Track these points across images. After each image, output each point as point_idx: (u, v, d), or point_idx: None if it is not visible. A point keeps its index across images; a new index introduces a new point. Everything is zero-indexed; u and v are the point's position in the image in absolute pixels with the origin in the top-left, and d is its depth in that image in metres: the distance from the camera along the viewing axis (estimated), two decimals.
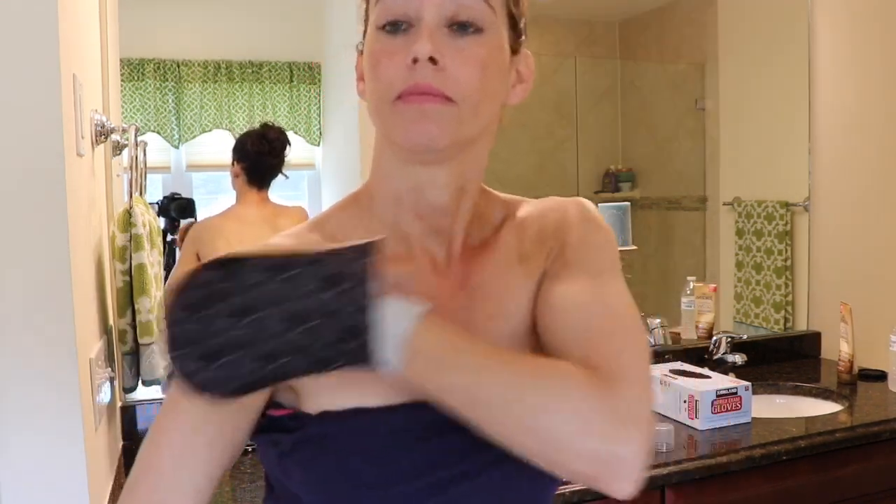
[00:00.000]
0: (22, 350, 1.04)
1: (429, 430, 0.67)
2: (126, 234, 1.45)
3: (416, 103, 0.66)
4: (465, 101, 0.67)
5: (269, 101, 2.12)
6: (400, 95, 0.67)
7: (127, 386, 1.59)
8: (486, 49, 0.68)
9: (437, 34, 0.66)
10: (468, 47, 0.67)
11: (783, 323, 2.48)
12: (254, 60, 2.10)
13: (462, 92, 0.67)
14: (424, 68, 0.66)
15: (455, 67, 0.66)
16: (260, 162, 1.98)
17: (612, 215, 2.08)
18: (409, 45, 0.66)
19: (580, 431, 0.60)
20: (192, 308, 0.57)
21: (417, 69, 0.66)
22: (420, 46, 0.65)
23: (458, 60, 0.66)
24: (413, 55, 0.65)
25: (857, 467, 1.74)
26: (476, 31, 0.68)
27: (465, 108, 0.67)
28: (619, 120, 2.59)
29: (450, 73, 0.66)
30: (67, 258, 1.05)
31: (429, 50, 0.65)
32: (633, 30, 2.62)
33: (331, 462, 0.67)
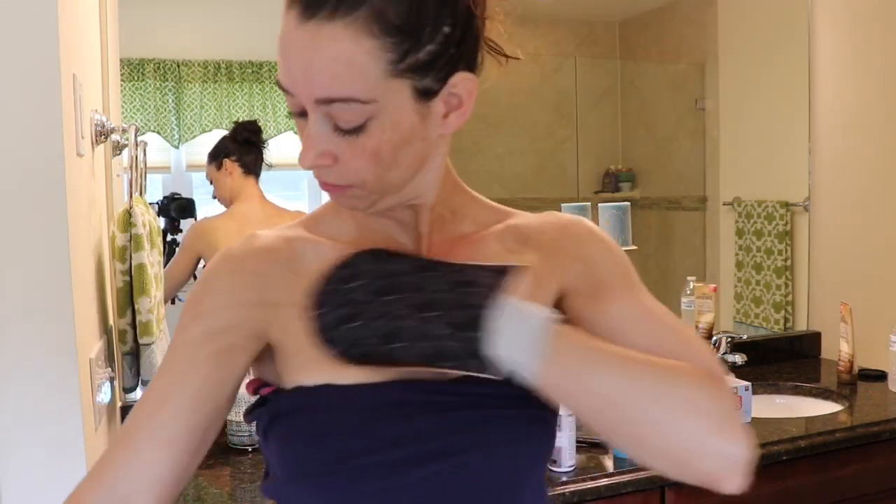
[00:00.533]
0: (22, 350, 1.04)
1: (402, 408, 0.69)
2: (126, 234, 1.45)
3: (332, 192, 0.71)
4: (367, 183, 0.69)
5: (269, 101, 2.12)
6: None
7: (127, 386, 1.59)
8: (374, 138, 0.66)
9: (323, 133, 0.66)
10: (356, 141, 0.66)
11: (783, 323, 2.48)
12: (254, 60, 2.09)
13: (361, 178, 0.68)
14: (320, 170, 0.68)
15: (348, 160, 0.67)
16: (249, 149, 2.00)
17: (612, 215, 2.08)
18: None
19: (712, 432, 0.64)
20: (340, 280, 0.68)
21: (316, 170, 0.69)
22: (302, 155, 0.67)
23: (348, 154, 0.67)
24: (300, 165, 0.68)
25: (857, 467, 1.74)
26: (358, 129, 0.66)
27: (371, 186, 0.69)
28: (619, 120, 2.59)
29: (344, 163, 0.68)
30: (67, 258, 1.05)
31: (310, 161, 0.67)
32: (633, 30, 2.62)
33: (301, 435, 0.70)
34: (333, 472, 0.69)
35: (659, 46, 2.64)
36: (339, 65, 0.63)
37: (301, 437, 0.70)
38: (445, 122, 0.70)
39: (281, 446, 0.72)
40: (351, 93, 0.64)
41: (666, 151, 2.65)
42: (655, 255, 2.62)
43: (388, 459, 0.69)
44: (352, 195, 0.70)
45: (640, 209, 2.53)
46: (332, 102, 0.64)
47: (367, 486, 0.69)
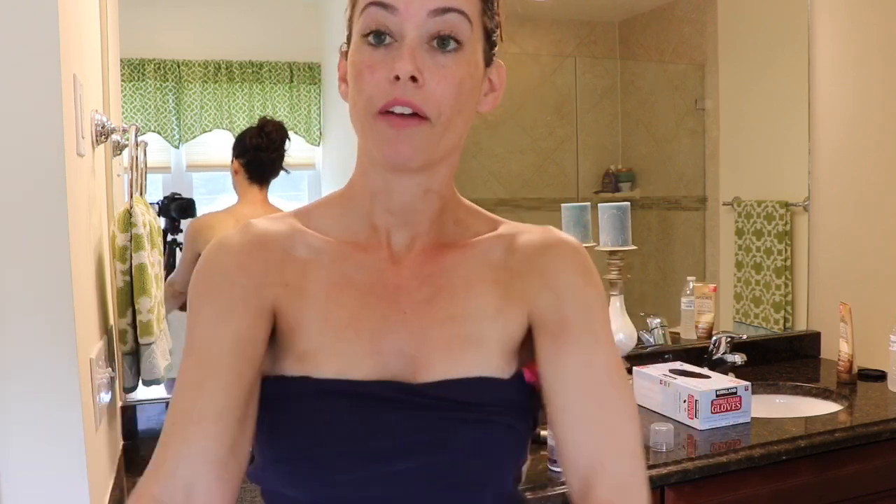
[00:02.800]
0: (22, 350, 1.04)
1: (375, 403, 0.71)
2: (126, 234, 1.45)
3: (394, 126, 0.69)
4: (440, 118, 0.70)
5: (269, 101, 2.12)
6: (381, 111, 0.70)
7: (127, 386, 1.59)
8: (463, 66, 0.71)
9: (418, 50, 0.69)
10: (447, 65, 0.70)
11: (783, 323, 2.48)
12: (254, 60, 2.10)
13: (438, 109, 0.70)
14: (405, 86, 0.68)
15: (433, 84, 0.69)
16: (258, 157, 1.97)
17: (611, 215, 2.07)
18: (391, 60, 0.69)
19: None
20: None
21: (398, 86, 0.69)
22: (402, 65, 0.68)
23: (436, 77, 0.69)
24: (395, 72, 0.68)
25: (856, 467, 1.74)
26: (456, 48, 0.70)
27: (439, 125, 0.70)
28: (618, 120, 2.59)
29: (428, 89, 0.69)
30: (67, 258, 1.05)
31: (410, 70, 0.68)
32: (633, 30, 2.62)
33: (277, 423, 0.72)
34: (306, 459, 0.71)
35: (659, 46, 2.64)
36: None
37: (278, 424, 0.72)
38: (485, 100, 0.77)
39: (260, 432, 0.73)
40: (465, 7, 0.70)
41: (666, 151, 2.65)
42: (655, 255, 2.62)
43: (357, 451, 0.71)
44: (419, 134, 0.70)
45: (640, 209, 2.53)
46: (448, 12, 0.69)
47: (334, 477, 0.71)
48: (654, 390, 1.86)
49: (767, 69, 2.53)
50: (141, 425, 1.74)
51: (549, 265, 0.78)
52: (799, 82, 2.47)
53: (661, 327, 2.26)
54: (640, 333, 2.17)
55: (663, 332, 2.27)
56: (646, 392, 1.89)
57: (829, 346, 2.39)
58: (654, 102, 2.65)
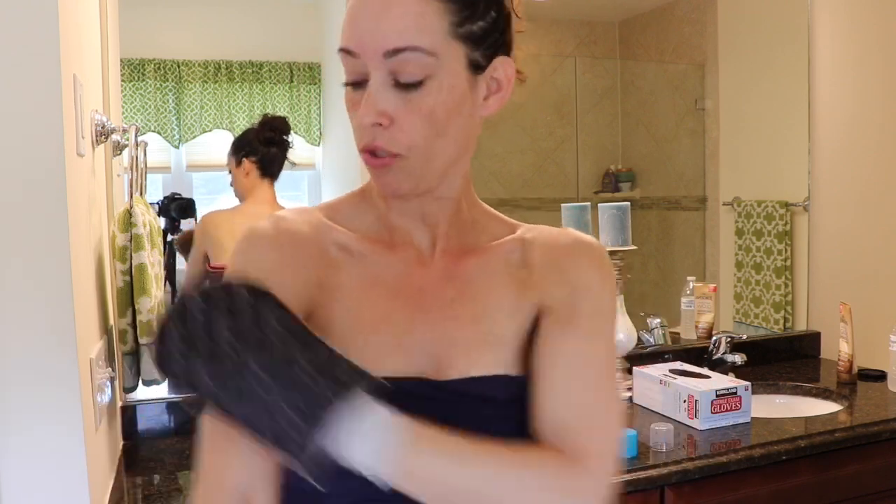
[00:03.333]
0: (22, 350, 1.04)
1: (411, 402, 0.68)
2: (126, 234, 1.45)
3: (374, 167, 0.73)
4: (413, 151, 0.71)
5: (269, 101, 2.12)
6: (362, 150, 0.73)
7: (127, 386, 1.59)
8: (433, 95, 0.70)
9: (382, 92, 0.70)
10: (413, 99, 0.70)
11: (783, 323, 2.48)
12: (254, 60, 2.10)
13: (408, 144, 0.71)
14: (373, 131, 0.71)
15: (401, 120, 0.70)
16: (269, 152, 1.99)
17: (611, 215, 2.08)
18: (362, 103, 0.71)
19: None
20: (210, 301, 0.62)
21: (368, 130, 0.71)
22: (363, 114, 0.70)
23: (403, 113, 0.70)
24: (357, 122, 0.71)
25: (856, 467, 1.74)
26: (418, 84, 0.70)
27: (416, 157, 0.72)
28: (618, 120, 2.59)
29: (396, 127, 0.70)
30: (67, 258, 1.05)
31: (370, 119, 0.70)
32: (633, 30, 2.62)
33: None
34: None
35: (659, 46, 2.64)
36: (409, 17, 0.68)
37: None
38: (486, 104, 0.75)
39: None
40: (418, 42, 0.69)
41: (666, 151, 2.65)
42: (655, 255, 2.62)
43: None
44: (397, 169, 0.72)
45: (640, 209, 2.53)
46: (400, 52, 0.68)
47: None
48: (654, 390, 1.86)
49: (767, 69, 2.53)
50: (141, 425, 1.74)
51: (571, 264, 0.80)
52: (799, 82, 2.47)
53: (661, 327, 2.26)
54: (640, 333, 2.17)
55: (663, 332, 2.27)
56: (646, 392, 1.89)
57: (829, 346, 2.39)
58: (654, 102, 2.65)
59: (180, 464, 1.60)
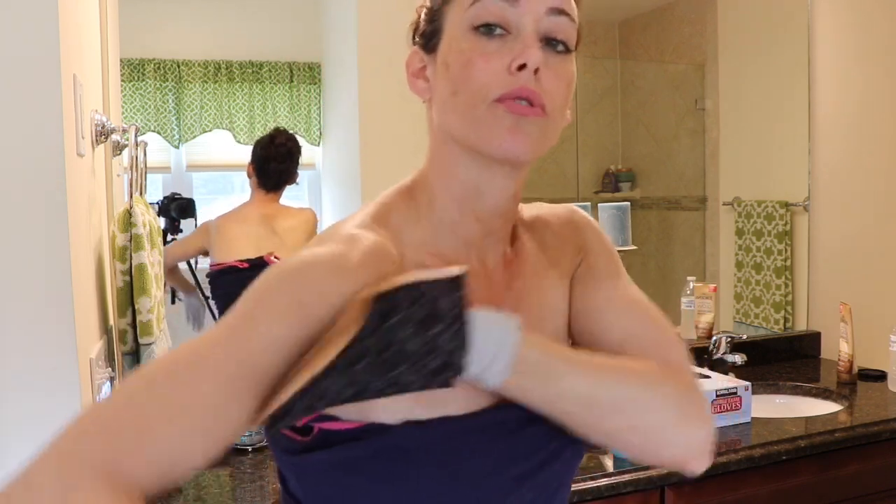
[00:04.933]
0: (22, 350, 1.04)
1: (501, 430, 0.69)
2: (126, 234, 1.45)
3: (516, 113, 0.67)
4: (553, 114, 0.69)
5: (269, 101, 2.12)
6: (500, 98, 0.67)
7: None
8: (572, 68, 0.71)
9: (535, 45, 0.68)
10: (560, 64, 0.70)
11: (783, 323, 2.48)
12: (254, 60, 2.10)
13: (552, 105, 0.69)
14: (528, 76, 0.67)
15: (549, 81, 0.68)
16: (266, 167, 2.01)
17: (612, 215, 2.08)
18: (507, 50, 0.68)
19: (678, 424, 0.70)
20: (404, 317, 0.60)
21: (521, 75, 0.67)
22: (532, 54, 0.66)
23: (551, 75, 0.69)
24: (521, 61, 0.66)
25: (856, 467, 1.74)
26: (565, 51, 0.70)
27: (552, 122, 0.70)
28: (619, 120, 2.59)
29: (545, 86, 0.68)
30: (67, 258, 1.05)
31: (539, 59, 0.67)
32: (633, 30, 2.62)
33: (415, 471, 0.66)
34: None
35: (659, 46, 2.64)
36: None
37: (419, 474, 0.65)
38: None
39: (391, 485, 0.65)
40: (575, 14, 0.71)
41: (666, 151, 2.65)
42: (655, 255, 2.62)
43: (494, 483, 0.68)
44: (537, 125, 0.68)
45: (640, 209, 2.53)
46: (562, 14, 0.69)
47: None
48: None
49: (767, 69, 2.53)
50: None
51: (575, 233, 0.82)
52: (799, 82, 2.47)
53: None
54: None
55: None
56: None
57: (829, 346, 2.39)
58: (654, 102, 2.65)
59: None
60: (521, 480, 0.70)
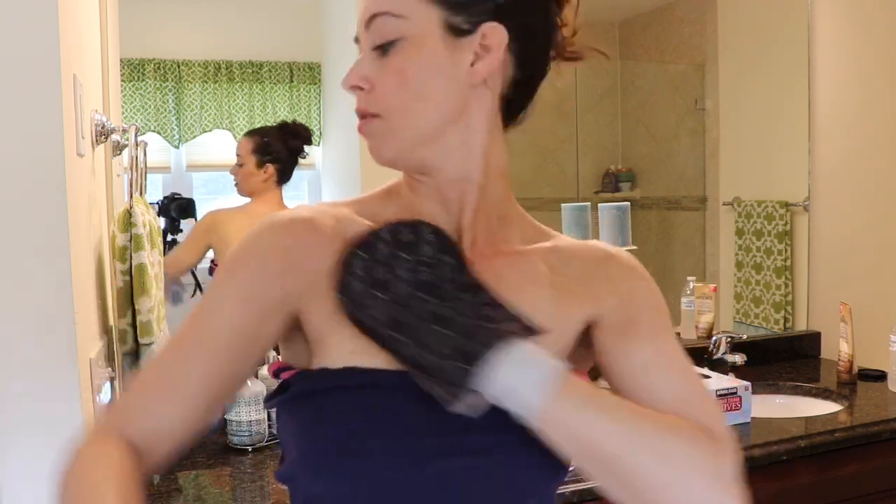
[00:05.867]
0: (22, 350, 1.04)
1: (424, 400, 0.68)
2: (126, 234, 1.45)
3: (358, 129, 0.76)
4: (389, 111, 0.73)
5: (269, 101, 2.12)
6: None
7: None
8: (400, 56, 0.73)
9: (366, 59, 0.74)
10: (387, 62, 0.73)
11: (783, 323, 2.48)
12: (254, 60, 2.10)
13: (385, 104, 0.73)
14: (357, 95, 0.74)
15: (379, 85, 0.73)
16: (292, 162, 2.01)
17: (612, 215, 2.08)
18: None
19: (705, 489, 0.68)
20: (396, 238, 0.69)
21: (356, 96, 0.75)
22: (345, 80, 0.74)
23: (380, 77, 0.73)
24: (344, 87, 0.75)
25: (856, 467, 1.74)
26: (391, 46, 0.73)
27: (394, 118, 0.73)
28: (619, 120, 2.59)
29: (377, 89, 0.74)
30: (67, 258, 1.05)
31: (349, 82, 0.74)
32: (633, 30, 2.62)
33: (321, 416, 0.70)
34: (350, 455, 0.69)
35: (659, 46, 2.64)
36: None
37: (322, 417, 0.70)
38: (473, 70, 0.73)
39: (300, 427, 0.72)
40: (388, 7, 0.72)
41: (666, 151, 2.65)
42: (655, 255, 2.62)
43: (406, 448, 0.69)
44: (377, 130, 0.74)
45: (640, 209, 2.53)
46: (375, 17, 0.73)
47: (379, 473, 0.69)
48: None
49: (767, 69, 2.53)
50: None
51: (615, 273, 0.79)
52: (799, 82, 2.47)
53: None
54: None
55: None
56: None
57: (829, 346, 2.39)
58: (654, 102, 2.65)
59: (180, 464, 1.60)
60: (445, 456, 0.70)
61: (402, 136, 0.74)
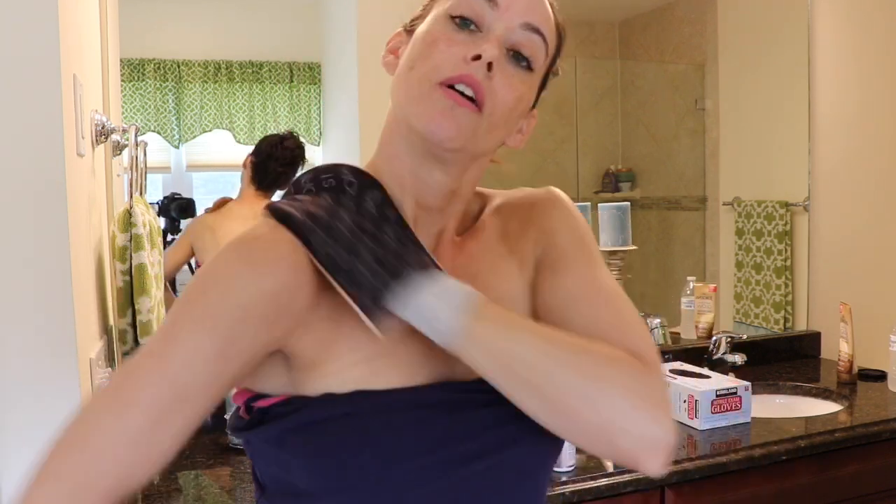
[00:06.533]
0: (22, 350, 1.04)
1: (440, 408, 0.69)
2: (126, 234, 1.45)
3: (451, 99, 0.68)
4: (491, 115, 0.70)
5: (269, 101, 2.12)
6: (443, 82, 0.69)
7: None
8: (527, 86, 0.73)
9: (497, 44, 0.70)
10: (517, 76, 0.72)
11: (783, 323, 2.48)
12: (254, 60, 2.10)
13: (493, 107, 0.70)
14: (480, 68, 0.68)
15: (499, 84, 0.70)
16: (266, 164, 1.99)
17: (612, 215, 2.08)
18: (471, 43, 0.70)
19: (632, 409, 0.65)
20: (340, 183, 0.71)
21: (474, 66, 0.68)
22: (489, 47, 0.69)
23: (503, 80, 0.70)
24: (478, 52, 0.68)
25: (856, 467, 1.74)
26: (527, 68, 0.72)
27: (487, 121, 0.70)
28: (619, 120, 2.59)
29: (493, 86, 0.69)
30: (67, 258, 1.05)
31: (495, 54, 0.69)
32: (633, 30, 2.62)
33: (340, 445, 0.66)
34: (380, 479, 0.67)
35: (659, 46, 2.64)
36: (549, 15, 0.74)
37: (340, 446, 0.66)
38: (513, 137, 0.78)
39: (312, 459, 0.67)
40: (549, 38, 0.73)
41: (666, 151, 2.65)
42: (655, 255, 2.62)
43: (433, 461, 0.68)
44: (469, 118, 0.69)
45: (640, 209, 2.53)
46: (535, 32, 0.72)
47: (414, 491, 0.68)
48: None
49: (767, 69, 2.53)
50: None
51: (539, 216, 0.81)
52: (799, 82, 2.47)
53: (661, 327, 2.26)
54: None
55: (663, 332, 2.27)
56: None
57: (829, 346, 2.39)
58: (654, 102, 2.65)
59: (180, 464, 1.60)
60: (466, 462, 0.69)
61: (476, 141, 0.71)
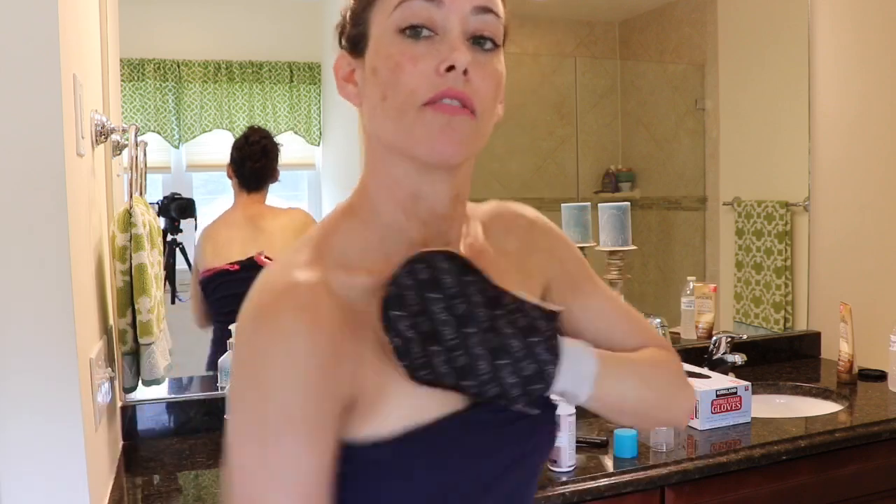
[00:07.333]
0: (22, 350, 1.04)
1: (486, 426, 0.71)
2: (126, 234, 1.45)
3: (446, 113, 0.66)
4: (483, 115, 0.69)
5: (269, 101, 2.12)
6: (428, 102, 0.66)
7: (127, 386, 1.59)
8: (500, 66, 0.71)
9: (463, 46, 0.67)
10: (488, 62, 0.69)
11: (783, 323, 2.48)
12: (254, 60, 2.10)
13: (482, 105, 0.68)
14: (456, 78, 0.66)
15: (478, 80, 0.68)
16: (243, 167, 1.99)
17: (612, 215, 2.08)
18: (436, 52, 0.67)
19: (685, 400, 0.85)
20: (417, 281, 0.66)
21: (450, 77, 0.66)
22: (459, 56, 0.66)
23: (480, 74, 0.68)
24: (449, 63, 0.66)
25: (856, 467, 1.74)
26: (493, 48, 0.70)
27: (482, 122, 0.69)
28: (619, 120, 2.59)
29: (474, 86, 0.67)
30: (67, 258, 1.05)
31: (467, 60, 0.66)
32: (633, 30, 2.62)
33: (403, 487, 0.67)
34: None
35: (659, 46, 2.64)
36: None
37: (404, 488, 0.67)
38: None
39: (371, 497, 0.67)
40: (500, 11, 0.71)
41: (666, 151, 2.65)
42: (655, 255, 2.62)
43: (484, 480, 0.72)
44: (467, 126, 0.67)
45: (640, 209, 2.53)
46: (487, 12, 0.69)
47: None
48: None
49: (767, 69, 2.53)
50: (141, 425, 1.74)
51: (541, 238, 0.84)
52: (799, 82, 2.47)
53: (661, 327, 2.26)
54: None
55: (663, 332, 2.27)
56: None
57: (830, 346, 2.39)
58: (654, 102, 2.65)
59: (180, 464, 1.60)
60: (507, 471, 0.74)
61: (479, 143, 0.70)
